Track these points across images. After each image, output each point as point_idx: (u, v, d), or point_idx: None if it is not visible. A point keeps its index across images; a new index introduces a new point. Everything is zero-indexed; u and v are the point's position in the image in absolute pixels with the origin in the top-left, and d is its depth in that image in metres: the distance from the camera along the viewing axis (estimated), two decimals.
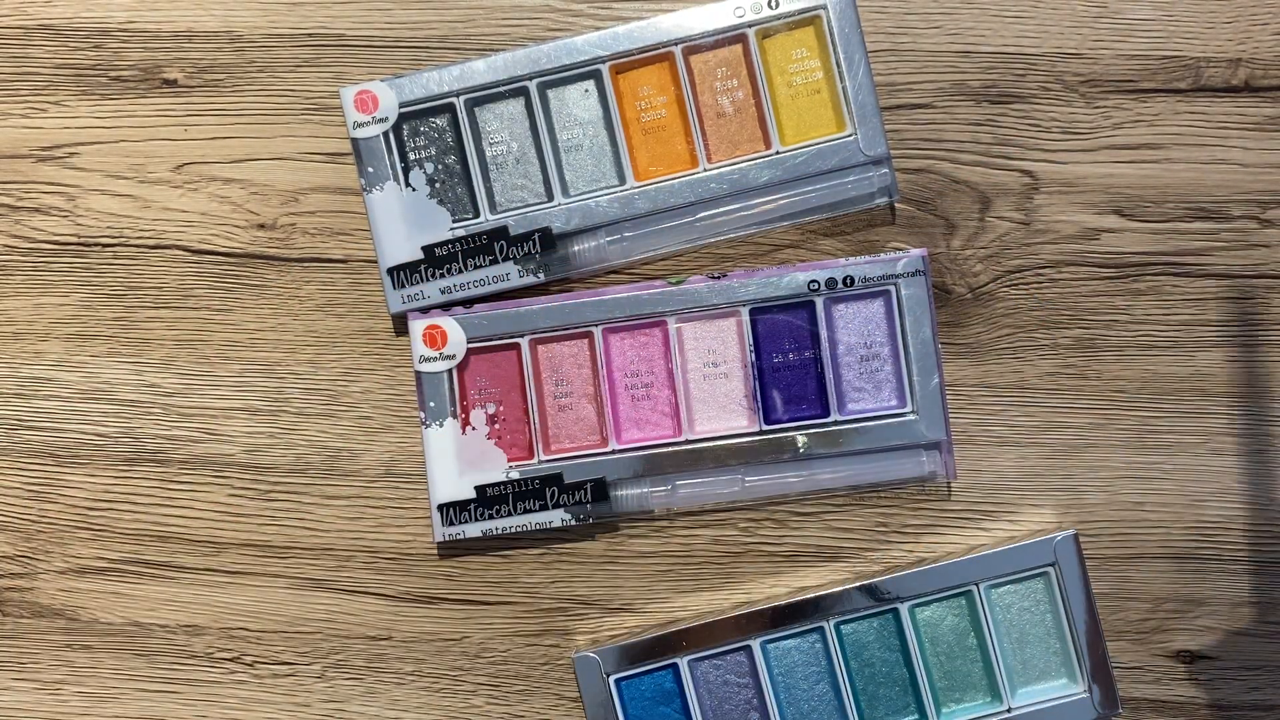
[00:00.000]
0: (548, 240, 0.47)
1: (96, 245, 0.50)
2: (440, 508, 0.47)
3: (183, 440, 0.49)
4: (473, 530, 0.47)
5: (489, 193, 0.47)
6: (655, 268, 0.48)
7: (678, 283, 0.46)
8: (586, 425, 0.47)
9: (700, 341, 0.47)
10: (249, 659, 0.49)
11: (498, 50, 0.48)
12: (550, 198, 0.47)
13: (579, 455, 0.47)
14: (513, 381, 0.47)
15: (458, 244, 0.47)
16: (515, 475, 0.47)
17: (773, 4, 0.46)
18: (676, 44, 0.46)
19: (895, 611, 0.46)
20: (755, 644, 0.46)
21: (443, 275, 0.47)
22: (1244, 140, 0.47)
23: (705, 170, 0.47)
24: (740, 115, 0.47)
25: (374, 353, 0.49)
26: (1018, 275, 0.48)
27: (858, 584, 0.46)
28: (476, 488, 0.47)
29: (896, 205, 0.48)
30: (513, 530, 0.47)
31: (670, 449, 0.46)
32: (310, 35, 0.49)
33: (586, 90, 0.47)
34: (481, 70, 0.46)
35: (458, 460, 0.47)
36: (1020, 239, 0.48)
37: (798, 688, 0.47)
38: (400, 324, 0.49)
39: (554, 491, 0.46)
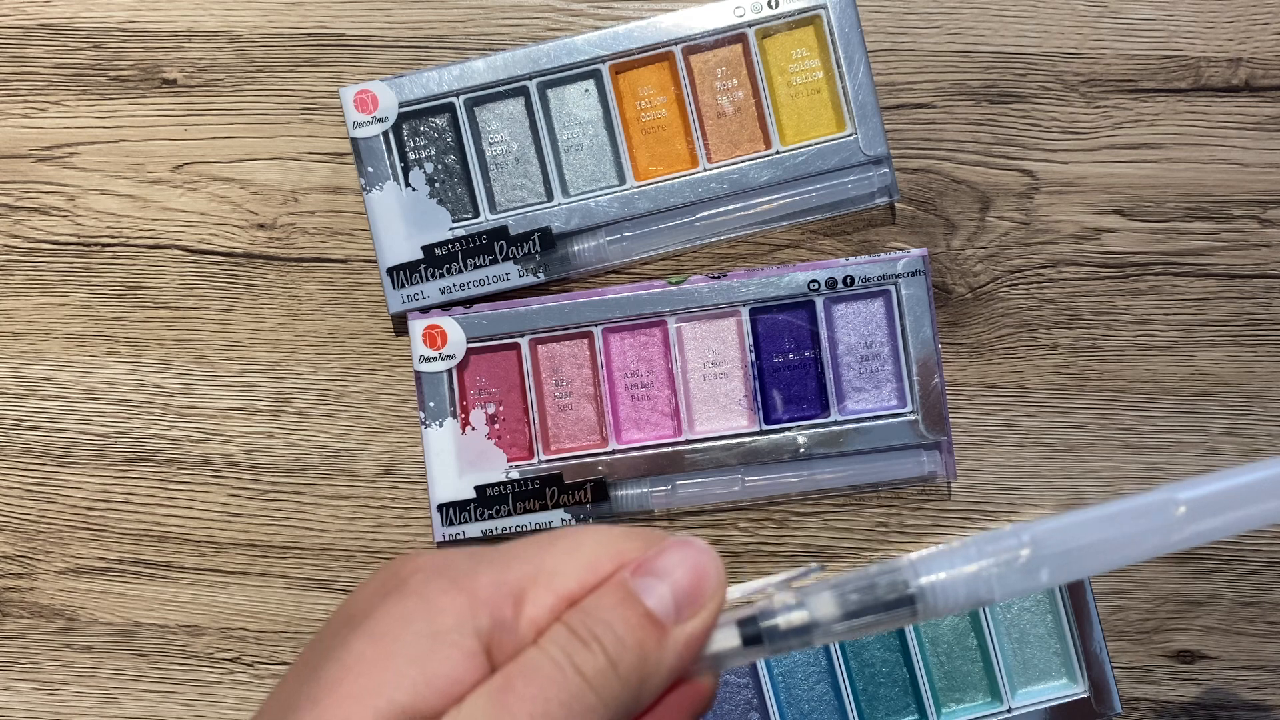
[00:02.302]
0: (548, 240, 0.47)
1: (96, 245, 0.50)
2: (440, 508, 0.47)
3: (182, 440, 0.49)
4: (473, 530, 0.47)
5: (489, 193, 0.47)
6: (655, 268, 0.48)
7: (678, 283, 0.46)
8: (586, 425, 0.47)
9: (700, 341, 0.47)
10: (249, 659, 0.49)
11: (498, 50, 0.48)
12: (550, 198, 0.47)
13: (579, 455, 0.47)
14: (513, 381, 0.47)
15: (457, 244, 0.47)
16: (515, 475, 0.47)
17: (773, 4, 0.46)
18: (676, 44, 0.46)
19: None
20: None
21: (442, 275, 0.47)
22: (1244, 140, 0.47)
23: (705, 170, 0.46)
24: (740, 115, 0.47)
25: (374, 353, 0.49)
26: (1018, 275, 0.48)
27: None
28: (476, 488, 0.47)
29: (896, 205, 0.48)
30: (513, 530, 0.47)
31: (670, 449, 0.46)
32: (310, 35, 0.49)
33: (586, 90, 0.47)
34: (481, 70, 0.46)
35: (457, 460, 0.47)
36: (1020, 239, 0.48)
37: (798, 688, 0.47)
38: (400, 324, 0.49)
39: (554, 491, 0.46)
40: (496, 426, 0.47)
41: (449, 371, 0.47)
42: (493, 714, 0.19)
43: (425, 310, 0.47)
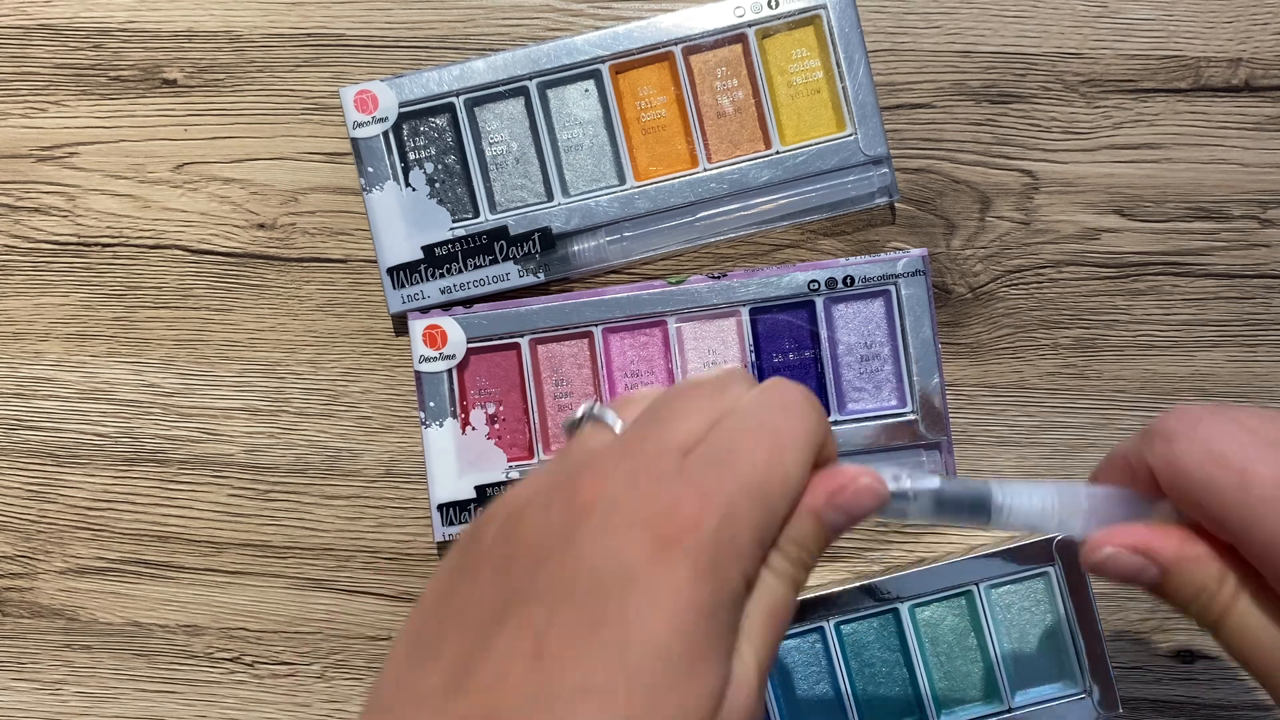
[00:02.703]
0: (548, 240, 0.47)
1: (96, 245, 0.50)
2: (440, 508, 0.47)
3: (182, 440, 0.49)
4: None
5: (489, 193, 0.47)
6: (655, 268, 0.48)
7: (678, 283, 0.46)
8: None
9: (700, 341, 0.47)
10: (249, 659, 0.49)
11: (498, 50, 0.48)
12: (550, 198, 0.47)
13: None
14: (513, 381, 0.47)
15: (457, 244, 0.47)
16: (515, 475, 0.47)
17: (773, 4, 0.46)
18: (676, 44, 0.46)
19: (895, 611, 0.46)
20: None
21: (443, 275, 0.47)
22: (1244, 140, 0.47)
23: (705, 170, 0.47)
24: (740, 115, 0.47)
25: (374, 353, 0.49)
26: (1018, 275, 0.48)
27: (858, 584, 0.46)
28: (476, 488, 0.47)
29: (896, 205, 0.48)
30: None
31: None
32: (310, 35, 0.49)
33: (586, 90, 0.47)
34: (481, 70, 0.46)
35: (458, 460, 0.47)
36: (1020, 239, 0.48)
37: (797, 688, 0.47)
38: (400, 324, 0.49)
39: None
40: (496, 426, 0.47)
41: (449, 371, 0.47)
42: (763, 622, 0.26)
43: (425, 310, 0.47)
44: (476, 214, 0.47)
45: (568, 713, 0.22)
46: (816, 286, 0.46)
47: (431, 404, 0.47)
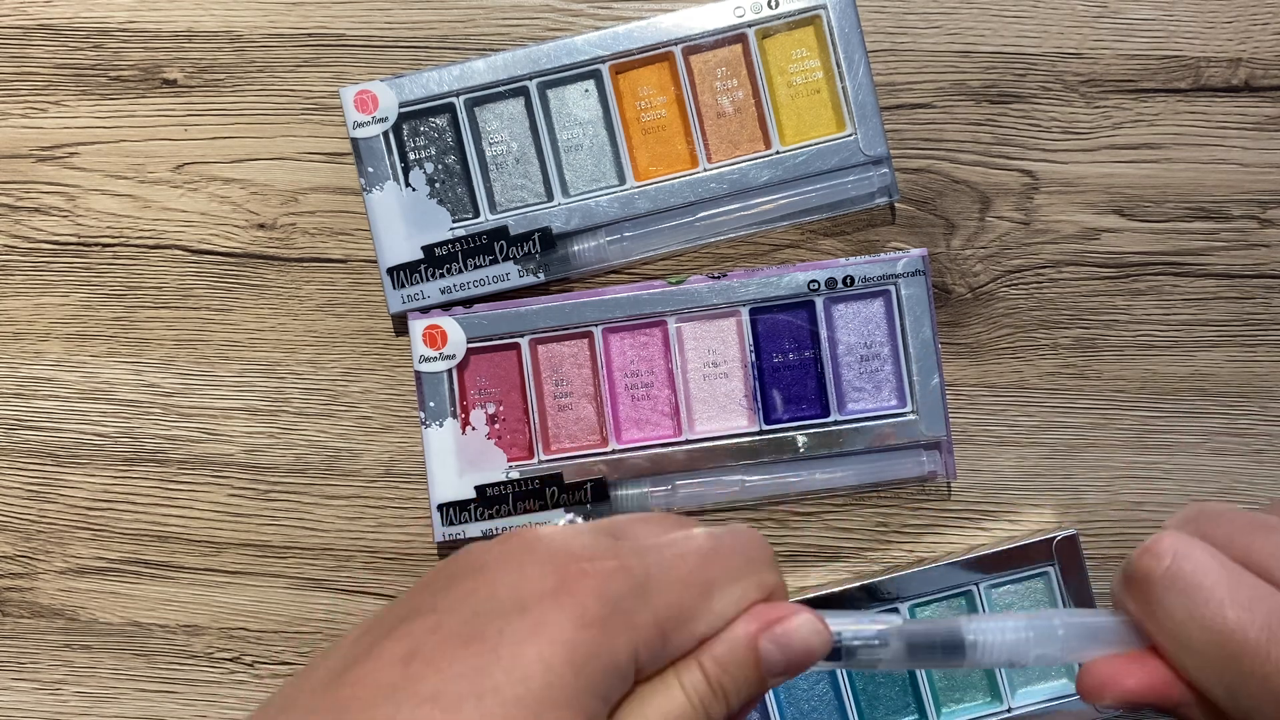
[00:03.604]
0: (548, 240, 0.47)
1: (96, 245, 0.50)
2: (440, 508, 0.47)
3: (182, 440, 0.49)
4: (473, 530, 0.47)
5: (489, 193, 0.47)
6: (655, 268, 0.48)
7: (678, 283, 0.46)
8: (586, 425, 0.47)
9: (700, 341, 0.47)
10: (249, 659, 0.49)
11: (498, 50, 0.48)
12: (550, 198, 0.47)
13: (579, 455, 0.47)
14: (513, 381, 0.47)
15: (458, 244, 0.47)
16: (515, 475, 0.47)
17: (773, 4, 0.46)
18: (676, 44, 0.46)
19: (895, 611, 0.46)
20: None
21: (443, 275, 0.47)
22: (1244, 140, 0.47)
23: (705, 170, 0.47)
24: (740, 115, 0.47)
25: (374, 353, 0.49)
26: (1018, 275, 0.48)
27: (858, 584, 0.46)
28: (476, 487, 0.47)
29: (896, 205, 0.48)
30: (513, 530, 0.47)
31: (670, 449, 0.46)
32: (310, 35, 0.49)
33: (586, 90, 0.47)
34: (481, 70, 0.46)
35: (458, 460, 0.47)
36: (1020, 239, 0.48)
37: (798, 687, 0.47)
38: (400, 324, 0.49)
39: (554, 491, 0.46)
40: (496, 426, 0.47)
41: (449, 371, 0.47)
42: None
43: (425, 310, 0.47)
44: (476, 214, 0.47)
45: (410, 717, 0.22)
46: (816, 286, 0.46)
47: (431, 404, 0.47)
